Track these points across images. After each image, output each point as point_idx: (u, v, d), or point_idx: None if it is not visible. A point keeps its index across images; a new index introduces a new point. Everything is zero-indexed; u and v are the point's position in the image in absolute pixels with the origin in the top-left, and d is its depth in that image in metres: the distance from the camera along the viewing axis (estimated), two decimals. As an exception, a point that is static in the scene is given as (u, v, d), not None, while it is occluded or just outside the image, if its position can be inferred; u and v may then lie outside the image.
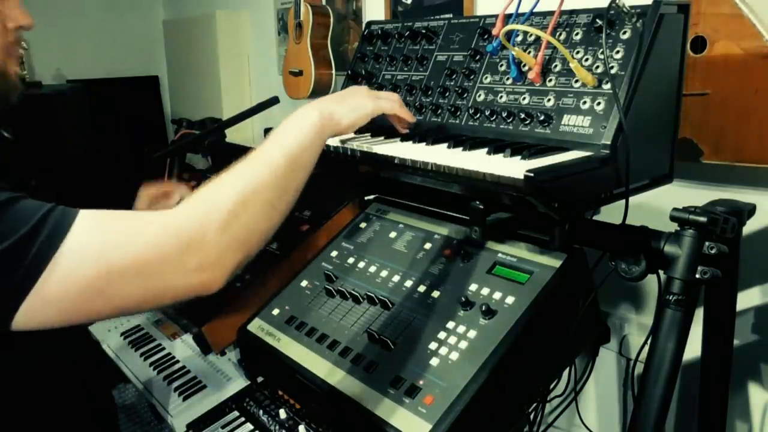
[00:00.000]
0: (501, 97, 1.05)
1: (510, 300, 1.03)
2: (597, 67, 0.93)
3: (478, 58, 1.11)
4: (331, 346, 1.12)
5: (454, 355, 0.98)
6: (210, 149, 1.94)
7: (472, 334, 1.00)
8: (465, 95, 1.10)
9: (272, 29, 2.69)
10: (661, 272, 0.97)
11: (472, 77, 1.10)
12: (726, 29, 1.09)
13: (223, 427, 1.25)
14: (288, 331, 1.20)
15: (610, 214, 1.04)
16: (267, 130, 1.16)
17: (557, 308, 1.04)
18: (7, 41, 0.89)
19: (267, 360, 1.22)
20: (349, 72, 1.33)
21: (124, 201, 1.32)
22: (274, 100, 1.73)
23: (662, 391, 0.90)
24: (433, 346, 1.01)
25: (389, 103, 1.00)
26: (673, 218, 0.92)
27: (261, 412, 1.25)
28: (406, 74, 1.22)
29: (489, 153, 0.93)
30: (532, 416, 1.25)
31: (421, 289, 1.13)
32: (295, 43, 2.23)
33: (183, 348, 1.57)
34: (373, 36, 1.32)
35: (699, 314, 0.99)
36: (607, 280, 1.06)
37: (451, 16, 1.40)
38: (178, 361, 1.53)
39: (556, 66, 0.99)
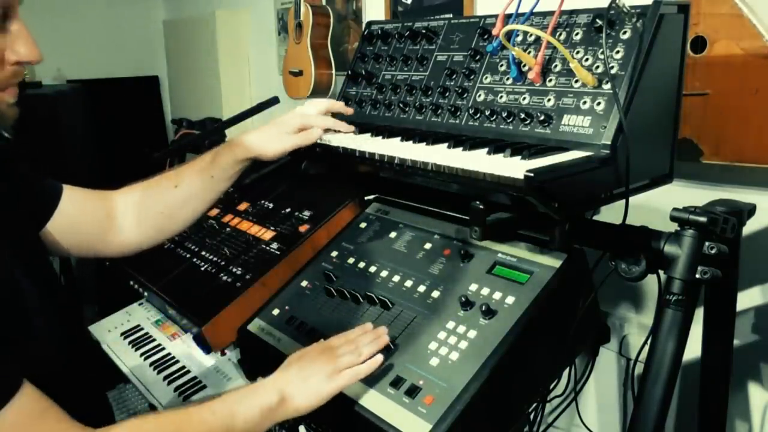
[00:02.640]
0: (501, 97, 1.05)
1: (510, 300, 1.03)
2: (597, 67, 0.93)
3: (478, 58, 1.11)
4: (331, 346, 1.12)
5: (454, 355, 0.98)
6: (210, 149, 1.94)
7: (472, 334, 1.00)
8: (465, 95, 1.10)
9: (272, 29, 2.69)
10: (661, 272, 0.97)
11: (472, 77, 1.10)
12: (726, 29, 1.09)
13: (223, 427, 1.25)
14: (288, 331, 1.20)
15: (610, 214, 1.04)
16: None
17: (557, 308, 1.04)
18: (4, 74, 0.82)
19: (267, 360, 1.22)
20: (349, 72, 1.33)
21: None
22: (274, 100, 1.73)
23: (662, 391, 0.90)
24: (433, 346, 1.01)
25: (349, 376, 0.96)
26: (673, 218, 0.92)
27: (261, 412, 1.24)
28: (406, 74, 1.22)
29: (489, 153, 0.93)
30: (532, 416, 1.25)
31: (421, 289, 1.13)
32: (295, 43, 2.23)
33: (183, 348, 1.57)
34: (373, 36, 1.32)
35: (699, 314, 0.99)
36: (607, 280, 1.06)
37: (451, 16, 1.41)
38: (178, 361, 1.53)
39: (556, 66, 0.99)
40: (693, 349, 1.03)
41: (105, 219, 1.14)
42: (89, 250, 1.14)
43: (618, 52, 0.91)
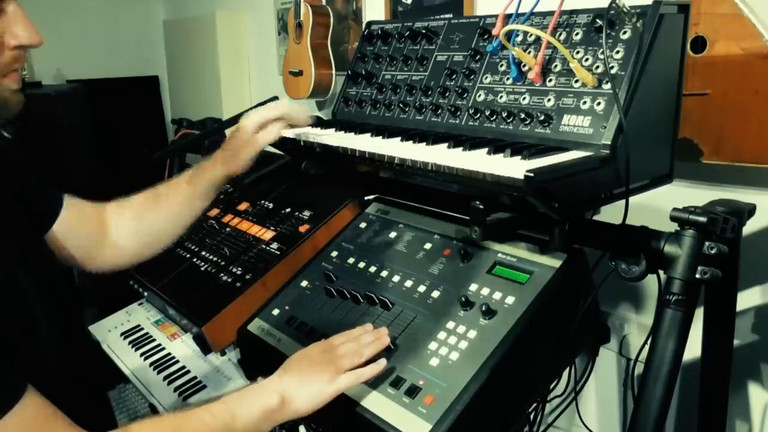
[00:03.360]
0: (501, 97, 1.05)
1: (510, 300, 1.03)
2: (597, 67, 0.93)
3: (478, 58, 1.11)
4: (331, 346, 1.12)
5: (454, 355, 0.98)
6: (210, 149, 1.94)
7: (472, 334, 1.00)
8: (465, 95, 1.10)
9: (272, 29, 2.69)
10: (661, 272, 0.97)
11: (472, 77, 1.10)
12: (726, 29, 1.09)
13: (223, 427, 1.25)
14: (288, 332, 1.20)
15: (610, 214, 1.04)
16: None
17: (557, 308, 1.04)
18: (4, 59, 0.80)
19: (267, 360, 1.22)
20: (349, 72, 1.33)
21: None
22: (273, 100, 1.73)
23: (662, 391, 0.90)
24: (433, 346, 1.01)
25: (350, 378, 0.95)
26: (673, 218, 0.92)
27: (261, 412, 1.24)
28: (406, 74, 1.22)
29: (489, 153, 0.93)
30: (532, 416, 1.25)
31: (421, 289, 1.13)
32: (295, 43, 2.23)
33: (183, 348, 1.57)
34: (373, 36, 1.32)
35: (699, 314, 0.99)
36: (607, 280, 1.06)
37: (451, 16, 1.40)
38: (178, 361, 1.53)
39: (556, 66, 0.99)
40: (693, 349, 1.03)
41: (98, 231, 1.14)
42: (79, 261, 1.12)
43: (618, 52, 0.91)
